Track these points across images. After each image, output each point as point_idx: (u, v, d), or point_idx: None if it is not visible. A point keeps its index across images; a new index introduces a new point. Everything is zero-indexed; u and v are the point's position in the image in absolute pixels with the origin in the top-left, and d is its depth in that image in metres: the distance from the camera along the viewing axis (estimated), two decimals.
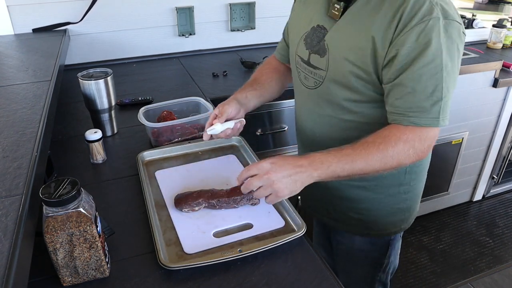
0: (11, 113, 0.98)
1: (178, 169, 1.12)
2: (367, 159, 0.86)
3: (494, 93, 2.22)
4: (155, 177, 1.09)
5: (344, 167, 0.85)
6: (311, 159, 0.86)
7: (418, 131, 0.87)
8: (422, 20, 0.81)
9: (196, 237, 0.88)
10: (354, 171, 0.86)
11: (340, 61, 0.93)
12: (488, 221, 2.50)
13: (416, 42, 0.82)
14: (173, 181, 1.06)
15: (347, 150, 0.87)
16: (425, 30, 0.81)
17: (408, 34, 0.82)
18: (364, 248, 1.17)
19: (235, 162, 1.16)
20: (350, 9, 0.92)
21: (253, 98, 1.12)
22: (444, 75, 0.83)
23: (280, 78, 1.22)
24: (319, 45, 0.98)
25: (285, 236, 0.86)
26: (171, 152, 1.19)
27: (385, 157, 0.86)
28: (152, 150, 1.18)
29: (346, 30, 0.92)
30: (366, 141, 0.87)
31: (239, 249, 0.83)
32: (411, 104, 0.85)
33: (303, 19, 1.05)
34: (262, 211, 0.96)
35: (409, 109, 0.86)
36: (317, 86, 1.02)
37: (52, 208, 0.70)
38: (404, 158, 0.87)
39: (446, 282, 2.06)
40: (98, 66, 1.32)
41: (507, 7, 3.30)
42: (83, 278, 0.78)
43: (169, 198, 0.99)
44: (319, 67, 0.99)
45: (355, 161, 0.85)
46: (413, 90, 0.84)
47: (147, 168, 1.13)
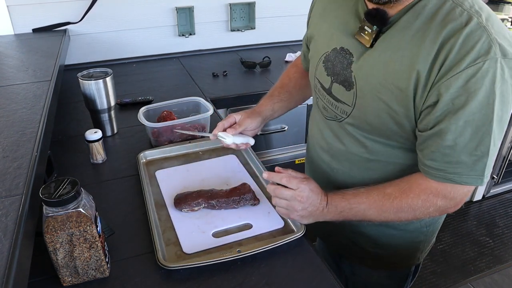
0: (11, 113, 0.98)
1: (178, 169, 1.12)
2: (380, 211, 0.81)
3: None
4: (155, 176, 1.09)
5: (356, 215, 0.84)
6: (329, 200, 0.84)
7: (443, 187, 0.76)
8: (476, 62, 0.65)
9: (195, 237, 0.88)
10: (365, 219, 0.84)
11: (371, 99, 0.78)
12: (488, 221, 2.50)
13: (464, 88, 0.66)
14: (173, 181, 1.06)
15: (362, 197, 0.82)
16: (477, 74, 0.65)
17: (456, 77, 0.66)
18: (382, 282, 1.11)
19: (236, 162, 1.16)
20: (385, 36, 0.75)
21: (279, 110, 1.10)
22: (493, 128, 0.68)
23: (308, 85, 1.08)
24: (344, 74, 0.83)
25: (284, 237, 0.86)
26: (171, 152, 1.19)
27: (399, 212, 0.80)
28: (153, 149, 1.18)
29: (379, 61, 0.76)
30: (384, 192, 0.81)
31: (238, 250, 0.83)
32: (451, 159, 0.72)
33: (322, 36, 0.90)
34: (262, 212, 0.96)
35: (449, 164, 0.73)
36: (340, 120, 0.89)
37: (52, 208, 0.70)
38: (422, 214, 0.80)
39: (446, 282, 2.06)
40: (98, 66, 1.32)
41: (507, 7, 3.30)
42: (83, 278, 0.78)
43: (169, 198, 0.99)
44: (343, 101, 0.85)
45: (367, 210, 0.82)
46: (454, 144, 0.70)
47: (148, 167, 1.13)
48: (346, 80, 0.83)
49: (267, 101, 1.09)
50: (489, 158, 0.71)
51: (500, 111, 0.68)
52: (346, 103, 0.85)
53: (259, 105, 1.09)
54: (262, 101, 1.10)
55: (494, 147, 0.71)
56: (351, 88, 0.82)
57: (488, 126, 0.69)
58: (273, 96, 1.10)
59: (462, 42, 0.66)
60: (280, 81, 1.15)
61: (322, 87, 0.91)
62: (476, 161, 0.71)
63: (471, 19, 0.67)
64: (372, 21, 0.76)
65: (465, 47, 0.66)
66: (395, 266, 1.07)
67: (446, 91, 0.68)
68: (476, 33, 0.66)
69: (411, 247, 1.02)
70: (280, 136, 1.79)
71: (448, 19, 0.68)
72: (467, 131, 0.69)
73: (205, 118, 1.25)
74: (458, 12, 0.68)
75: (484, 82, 0.65)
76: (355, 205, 0.83)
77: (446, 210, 0.79)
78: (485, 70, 0.65)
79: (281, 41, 2.27)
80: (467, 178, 0.73)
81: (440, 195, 0.77)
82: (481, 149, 0.70)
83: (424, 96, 0.71)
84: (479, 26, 0.66)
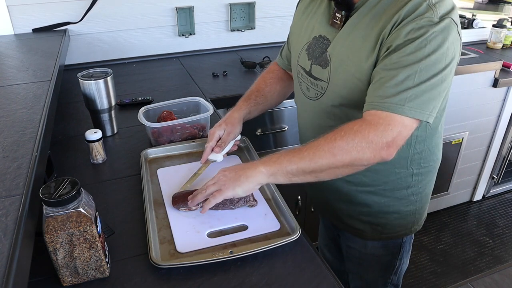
0: (11, 113, 0.98)
1: (180, 168, 1.12)
2: (315, 150, 0.83)
3: (494, 93, 2.22)
4: (157, 174, 1.09)
5: (291, 159, 0.84)
6: (262, 158, 0.89)
7: (376, 120, 0.81)
8: (414, 19, 0.80)
9: (190, 236, 0.88)
10: (304, 164, 0.83)
11: (342, 72, 0.92)
12: (488, 221, 2.50)
13: (404, 38, 0.80)
14: (173, 180, 1.06)
15: (300, 147, 0.86)
16: (416, 27, 0.79)
17: (399, 31, 0.81)
18: (376, 252, 1.16)
19: (238, 162, 1.15)
20: (352, 18, 0.90)
21: (255, 112, 1.18)
22: (420, 67, 0.79)
23: (284, 89, 1.24)
24: (322, 56, 0.97)
25: (278, 240, 0.86)
26: (175, 151, 1.20)
27: (333, 147, 0.81)
28: (156, 147, 1.19)
29: (348, 40, 0.91)
30: (320, 137, 0.85)
31: (230, 251, 0.83)
32: (377, 88, 0.83)
33: (305, 29, 1.04)
34: (259, 213, 0.95)
35: (378, 97, 0.82)
36: (318, 98, 1.01)
37: (52, 208, 0.70)
38: (357, 150, 0.80)
39: (446, 282, 2.06)
40: (98, 66, 1.32)
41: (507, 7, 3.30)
42: (83, 278, 0.78)
43: (168, 196, 0.99)
44: (320, 78, 0.98)
45: (302, 152, 0.83)
46: (385, 76, 0.82)
47: (150, 165, 1.13)
48: (323, 60, 0.97)
49: (245, 104, 1.17)
50: (413, 92, 0.80)
51: (432, 57, 0.79)
52: (322, 79, 0.98)
53: (238, 109, 1.15)
54: (240, 103, 1.17)
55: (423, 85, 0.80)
56: (326, 66, 0.96)
57: (416, 65, 0.79)
58: (250, 100, 1.17)
59: (408, 9, 0.81)
60: (256, 85, 1.22)
61: (304, 71, 1.04)
62: (400, 92, 0.80)
63: None
64: (340, 7, 0.91)
65: (409, 11, 0.81)
66: (387, 237, 1.12)
67: (392, 41, 0.82)
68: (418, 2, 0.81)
69: (401, 217, 1.09)
70: (280, 136, 1.79)
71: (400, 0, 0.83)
72: (396, 66, 0.81)
73: (205, 118, 1.25)
74: None
75: (420, 34, 0.79)
76: (291, 152, 0.86)
77: (380, 146, 0.80)
78: (422, 25, 0.79)
79: (281, 41, 2.25)
80: (389, 105, 0.81)
81: (371, 125, 0.81)
82: (406, 83, 0.80)
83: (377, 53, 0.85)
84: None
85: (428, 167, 1.06)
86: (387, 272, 1.20)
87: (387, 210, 1.07)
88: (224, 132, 1.09)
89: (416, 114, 0.80)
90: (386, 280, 1.22)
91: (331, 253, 1.43)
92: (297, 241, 0.87)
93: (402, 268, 1.21)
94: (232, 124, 1.11)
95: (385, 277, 1.21)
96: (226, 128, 1.10)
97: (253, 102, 1.17)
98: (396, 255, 1.17)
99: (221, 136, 1.10)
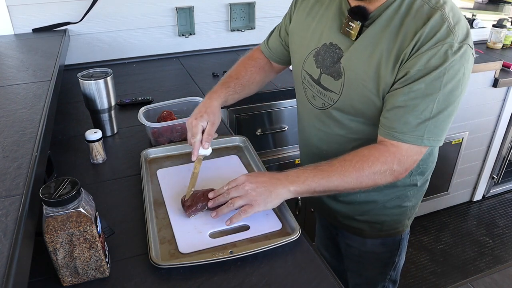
0: (11, 113, 0.98)
1: (180, 169, 1.12)
2: (343, 176, 0.87)
3: (494, 93, 2.22)
4: (156, 175, 1.09)
5: (320, 182, 0.87)
6: (287, 174, 0.89)
7: (399, 151, 0.86)
8: (436, 45, 0.79)
9: (192, 236, 0.88)
10: (330, 187, 0.88)
11: (357, 87, 0.90)
12: (488, 221, 2.50)
13: (425, 66, 0.80)
14: (173, 180, 1.06)
15: (324, 166, 0.89)
16: (437, 55, 0.79)
17: (419, 57, 0.80)
18: (376, 250, 1.17)
19: (237, 162, 1.15)
20: (369, 30, 0.87)
21: (231, 101, 1.14)
22: (438, 97, 0.82)
23: (262, 80, 1.21)
24: (334, 67, 0.94)
25: (278, 240, 0.86)
26: (175, 151, 1.19)
27: (361, 176, 0.87)
28: (156, 148, 1.18)
29: (365, 54, 0.88)
30: (344, 159, 0.89)
31: (230, 251, 0.83)
32: (399, 118, 0.85)
33: (312, 33, 0.99)
34: (260, 213, 0.95)
35: (396, 122, 0.85)
36: (326, 108, 0.99)
37: (52, 208, 0.70)
38: (380, 178, 0.88)
39: (446, 282, 2.06)
40: (98, 66, 1.32)
41: (507, 7, 3.30)
42: (83, 278, 0.78)
43: (169, 197, 0.99)
44: (331, 89, 0.96)
45: (330, 177, 0.87)
46: (405, 107, 0.83)
47: (150, 165, 1.13)
48: (335, 71, 0.94)
49: (223, 90, 1.12)
50: (430, 122, 0.83)
51: (450, 85, 0.81)
52: (333, 91, 0.95)
53: (217, 96, 1.10)
54: (218, 89, 1.12)
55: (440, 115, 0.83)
56: (339, 78, 0.93)
57: (434, 96, 0.81)
58: (229, 87, 1.13)
59: (428, 31, 0.80)
60: (236, 71, 1.18)
61: (311, 78, 1.01)
62: (420, 124, 0.83)
63: (435, 12, 0.81)
64: (355, 17, 0.87)
65: (429, 35, 0.80)
66: (387, 234, 1.14)
67: (411, 67, 0.81)
68: (438, 23, 0.80)
69: (398, 214, 1.11)
70: (280, 136, 1.79)
71: (418, 17, 0.82)
72: (417, 96, 0.82)
73: None
74: (426, 9, 0.82)
75: (441, 62, 0.79)
76: (318, 173, 0.87)
77: (400, 174, 0.89)
78: (443, 52, 0.79)
79: None
80: (410, 137, 0.84)
81: (395, 160, 0.86)
82: (425, 113, 0.83)
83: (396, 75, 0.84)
84: (442, 18, 0.80)
85: (426, 167, 1.07)
86: (387, 269, 1.21)
87: (385, 208, 1.09)
88: (207, 123, 1.03)
89: (432, 143, 0.86)
90: (385, 276, 1.23)
91: (329, 252, 1.43)
92: (297, 241, 0.87)
93: (400, 264, 1.22)
94: (213, 113, 1.05)
95: (385, 274, 1.22)
96: (208, 119, 1.03)
97: (231, 90, 1.13)
98: (395, 252, 1.18)
99: (204, 128, 1.03)
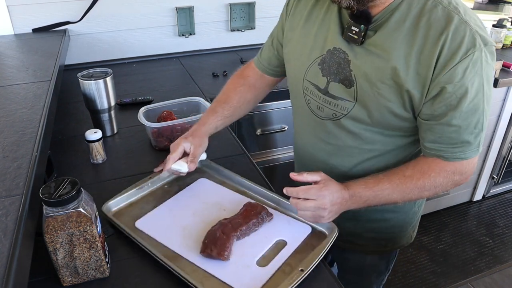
0: (11, 113, 0.98)
1: (158, 212, 0.96)
2: (404, 193, 0.86)
3: (494, 93, 2.21)
4: (139, 229, 0.91)
5: (380, 201, 0.86)
6: (352, 192, 0.86)
7: (459, 165, 0.85)
8: (467, 54, 0.74)
9: (244, 275, 0.79)
10: (388, 203, 0.87)
11: (372, 95, 0.84)
12: (488, 221, 2.50)
13: (463, 79, 0.76)
14: (164, 227, 0.91)
15: (384, 184, 0.85)
16: (470, 64, 0.75)
17: (453, 70, 0.75)
18: (375, 263, 1.16)
19: (210, 184, 1.07)
20: (378, 35, 0.81)
21: (221, 126, 1.09)
22: (485, 107, 0.80)
23: (255, 98, 1.14)
24: (343, 74, 0.87)
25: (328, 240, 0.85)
26: (136, 195, 1.01)
27: (422, 191, 0.86)
28: (112, 199, 0.97)
29: (377, 60, 0.82)
30: (404, 175, 0.86)
31: (300, 269, 0.79)
32: (456, 140, 0.82)
33: (313, 39, 0.92)
34: (282, 224, 0.91)
35: (455, 145, 0.82)
36: (337, 118, 0.91)
37: (52, 208, 0.70)
38: (441, 190, 0.87)
39: (446, 282, 2.06)
40: (98, 66, 1.32)
41: (507, 7, 3.30)
42: (83, 278, 0.78)
43: (178, 246, 0.86)
44: (344, 98, 0.88)
45: (391, 195, 0.86)
46: (459, 128, 0.81)
47: (122, 220, 0.92)
48: (346, 79, 0.87)
49: (212, 118, 1.07)
50: (482, 133, 0.83)
51: (489, 91, 0.80)
52: (347, 99, 0.89)
53: (204, 123, 1.06)
54: (206, 117, 1.07)
55: (486, 122, 0.82)
56: (351, 86, 0.87)
57: (482, 107, 0.79)
58: (217, 113, 1.08)
59: (451, 38, 0.75)
60: (225, 95, 1.11)
61: (316, 88, 0.93)
62: (475, 137, 0.82)
63: (453, 16, 0.76)
64: (358, 21, 0.82)
65: (455, 42, 0.75)
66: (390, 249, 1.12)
67: (448, 83, 0.76)
68: (461, 29, 0.75)
69: (404, 229, 1.09)
70: (280, 136, 1.79)
71: (433, 19, 0.77)
72: (468, 115, 0.79)
73: None
74: (440, 11, 0.77)
75: (476, 70, 0.76)
76: (379, 192, 0.85)
77: (461, 182, 0.88)
78: (475, 59, 0.75)
79: None
80: (471, 152, 0.83)
81: (457, 171, 0.85)
82: (478, 126, 0.81)
83: (426, 89, 0.79)
84: (461, 21, 0.75)
85: None
86: (380, 277, 1.21)
87: (393, 224, 1.05)
88: (190, 145, 0.99)
89: (480, 149, 0.85)
90: (381, 282, 1.23)
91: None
92: None
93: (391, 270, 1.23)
94: (199, 137, 1.01)
95: (380, 280, 1.22)
96: (193, 141, 1.00)
97: (220, 116, 1.07)
98: (392, 260, 1.17)
99: (186, 149, 0.99)
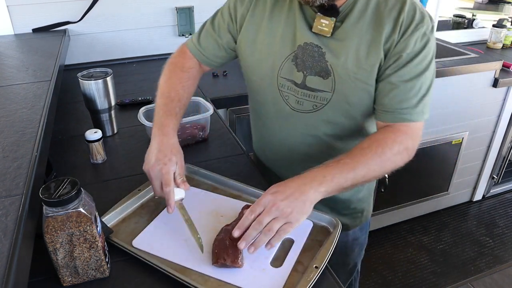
0: (11, 113, 0.98)
1: (154, 228, 0.91)
2: (368, 164, 0.84)
3: (494, 93, 2.22)
4: (137, 247, 0.86)
5: (347, 176, 0.82)
6: (312, 175, 0.81)
7: (410, 130, 0.90)
8: (417, 28, 0.86)
9: (262, 279, 0.77)
10: (357, 179, 0.84)
11: (350, 81, 0.91)
12: (488, 221, 2.50)
13: (413, 49, 0.87)
14: (164, 242, 0.87)
15: (345, 159, 0.84)
16: (420, 35, 0.87)
17: (407, 41, 0.86)
18: (357, 236, 1.21)
19: (201, 192, 1.03)
20: (345, 25, 0.89)
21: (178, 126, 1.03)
22: (427, 74, 0.88)
23: (194, 90, 1.11)
24: (319, 66, 0.93)
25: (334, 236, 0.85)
26: (127, 210, 0.96)
27: (384, 160, 0.86)
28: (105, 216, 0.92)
29: (349, 47, 0.90)
30: (362, 147, 0.86)
31: (315, 266, 0.78)
32: (401, 100, 0.89)
33: (281, 37, 0.95)
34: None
35: (399, 106, 0.89)
36: (317, 109, 0.97)
37: (52, 208, 0.70)
38: (400, 159, 0.88)
39: (446, 282, 2.06)
40: (98, 66, 1.32)
41: (507, 7, 3.30)
42: (83, 278, 0.78)
43: (183, 259, 0.82)
44: (322, 89, 0.94)
45: (356, 168, 0.83)
46: (404, 88, 0.88)
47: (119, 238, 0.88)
48: (322, 70, 0.93)
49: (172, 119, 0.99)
50: (426, 98, 0.90)
51: (432, 60, 0.89)
52: (325, 90, 0.94)
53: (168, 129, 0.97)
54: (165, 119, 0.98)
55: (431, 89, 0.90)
56: (328, 76, 0.93)
57: (426, 73, 0.88)
58: (177, 114, 1.01)
59: (406, 16, 0.86)
60: (175, 91, 1.04)
61: (293, 84, 0.97)
62: (420, 101, 0.89)
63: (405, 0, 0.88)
64: (327, 14, 0.89)
65: (409, 19, 0.86)
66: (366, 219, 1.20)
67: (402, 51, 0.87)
68: (412, 8, 0.87)
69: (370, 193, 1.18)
70: None
71: (392, 4, 0.88)
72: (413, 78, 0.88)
73: (205, 118, 1.25)
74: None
75: (424, 40, 0.87)
76: (344, 167, 0.83)
77: (413, 151, 0.90)
78: (424, 32, 0.87)
79: None
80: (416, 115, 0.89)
81: (408, 136, 0.89)
82: (421, 91, 0.89)
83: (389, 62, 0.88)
84: (412, 4, 0.87)
85: None
86: (362, 247, 1.27)
87: (363, 195, 1.14)
88: (176, 168, 0.92)
89: (426, 116, 0.91)
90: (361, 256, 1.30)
91: None
92: None
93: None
94: (179, 152, 0.95)
95: (361, 254, 1.29)
96: (177, 160, 0.93)
97: (178, 117, 1.01)
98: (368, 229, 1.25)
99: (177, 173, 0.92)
